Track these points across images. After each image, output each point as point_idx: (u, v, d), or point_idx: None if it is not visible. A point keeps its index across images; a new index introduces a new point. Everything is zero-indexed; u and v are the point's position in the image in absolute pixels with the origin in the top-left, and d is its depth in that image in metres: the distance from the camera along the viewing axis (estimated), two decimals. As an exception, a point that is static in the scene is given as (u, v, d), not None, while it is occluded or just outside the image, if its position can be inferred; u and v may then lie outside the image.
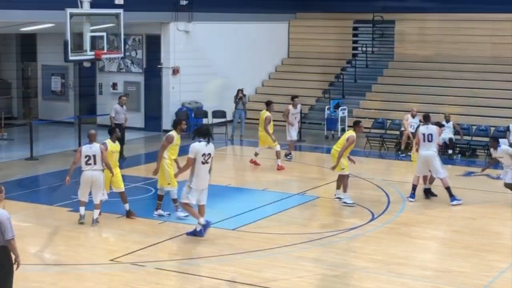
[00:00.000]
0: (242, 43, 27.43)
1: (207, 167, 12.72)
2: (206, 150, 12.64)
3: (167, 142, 13.91)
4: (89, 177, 13.65)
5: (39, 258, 12.35)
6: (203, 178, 12.73)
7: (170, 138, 13.90)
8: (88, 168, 13.65)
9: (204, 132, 12.87)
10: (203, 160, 12.60)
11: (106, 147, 13.92)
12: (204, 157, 12.61)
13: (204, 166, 12.64)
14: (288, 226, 14.01)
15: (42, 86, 27.03)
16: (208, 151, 12.67)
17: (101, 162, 13.68)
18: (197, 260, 11.87)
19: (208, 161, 12.68)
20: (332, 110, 24.54)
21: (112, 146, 14.11)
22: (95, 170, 13.63)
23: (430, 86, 26.16)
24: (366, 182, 17.55)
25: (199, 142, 12.66)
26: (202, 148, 12.62)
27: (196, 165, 12.60)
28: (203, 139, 12.70)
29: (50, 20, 20.63)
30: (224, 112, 24.81)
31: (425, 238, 13.29)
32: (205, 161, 12.63)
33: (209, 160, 12.71)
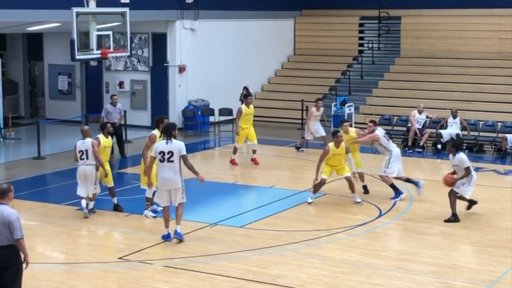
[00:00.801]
0: (248, 41, 27.44)
1: (170, 166, 12.04)
2: (165, 148, 12.08)
3: (150, 142, 13.61)
4: (82, 171, 14.04)
5: (47, 256, 12.39)
6: (164, 177, 12.15)
7: (153, 137, 13.58)
8: (82, 162, 14.07)
9: (164, 129, 12.42)
10: (160, 158, 12.06)
11: (98, 141, 14.17)
12: (163, 155, 12.05)
13: (163, 164, 12.06)
14: (296, 223, 14.02)
15: (49, 85, 27.09)
16: (168, 149, 12.06)
17: (93, 157, 13.99)
18: (205, 257, 11.89)
19: (170, 160, 12.01)
20: (339, 107, 24.52)
21: (105, 141, 14.37)
22: (87, 165, 14.00)
23: (437, 82, 26.11)
24: (373, 179, 17.52)
25: (162, 140, 12.31)
26: (160, 146, 12.18)
27: (157, 164, 12.28)
28: (165, 136, 12.24)
29: (56, 20, 20.67)
30: (230, 109, 24.82)
31: (433, 234, 13.27)
32: (163, 159, 12.03)
33: (173, 159, 12.02)
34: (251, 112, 19.27)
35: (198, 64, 25.33)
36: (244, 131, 19.11)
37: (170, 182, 12.15)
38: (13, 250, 8.76)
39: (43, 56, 27.23)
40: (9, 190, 8.81)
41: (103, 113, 20.42)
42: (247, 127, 19.17)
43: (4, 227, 8.64)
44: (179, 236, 12.45)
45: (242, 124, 19.05)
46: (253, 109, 19.56)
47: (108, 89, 25.68)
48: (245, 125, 19.14)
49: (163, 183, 12.24)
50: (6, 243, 8.70)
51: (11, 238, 8.69)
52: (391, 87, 26.71)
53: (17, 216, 8.72)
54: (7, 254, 8.72)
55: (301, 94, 26.49)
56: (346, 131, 15.93)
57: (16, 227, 8.66)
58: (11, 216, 8.67)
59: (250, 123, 19.29)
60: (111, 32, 18.77)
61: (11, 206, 8.86)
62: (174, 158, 12.05)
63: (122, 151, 20.46)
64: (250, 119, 19.25)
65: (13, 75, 27.79)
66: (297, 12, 30.30)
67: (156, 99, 25.16)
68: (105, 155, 14.36)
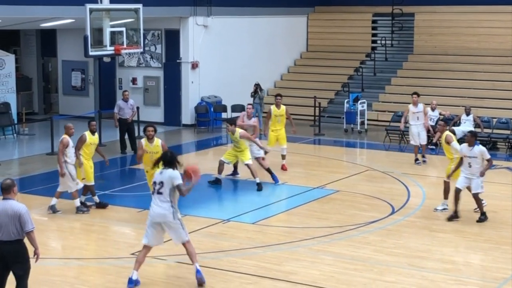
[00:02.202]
0: (260, 37, 27.44)
1: (160, 198, 10.29)
2: (157, 179, 10.40)
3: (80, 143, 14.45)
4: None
5: (61, 252, 12.46)
6: (153, 208, 10.42)
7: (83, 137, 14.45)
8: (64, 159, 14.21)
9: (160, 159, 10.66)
10: (152, 190, 10.51)
11: (84, 138, 14.44)
12: (154, 185, 10.38)
13: (154, 196, 10.38)
14: (308, 219, 14.02)
15: (63, 81, 27.20)
16: (160, 179, 10.34)
17: (72, 153, 14.19)
18: (217, 253, 11.92)
19: (160, 191, 10.28)
20: (351, 103, 24.49)
21: (91, 138, 14.56)
22: (65, 162, 14.13)
23: (450, 79, 26.04)
24: (385, 176, 17.50)
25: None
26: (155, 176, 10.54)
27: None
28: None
29: (70, 16, 20.74)
30: (243, 106, 24.82)
31: (445, 232, 13.24)
32: (155, 190, 10.35)
33: (162, 190, 10.27)
34: (281, 114, 18.01)
35: (210, 61, 25.36)
36: (273, 133, 18.01)
37: (160, 216, 10.40)
38: (22, 244, 8.87)
39: (57, 52, 27.34)
40: (13, 185, 8.94)
41: (116, 109, 20.49)
42: (277, 129, 18.02)
43: (15, 221, 8.74)
44: (199, 274, 10.49)
45: (272, 126, 17.98)
46: (284, 109, 18.11)
47: (121, 85, 25.75)
48: (275, 127, 17.99)
49: (152, 216, 10.48)
50: (15, 237, 8.79)
51: (21, 232, 8.78)
52: (404, 84, 26.64)
53: (26, 209, 8.85)
54: (18, 248, 8.83)
55: (314, 91, 26.46)
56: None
57: (27, 220, 8.76)
58: (22, 209, 8.77)
59: (281, 125, 18.07)
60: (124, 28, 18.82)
61: (16, 200, 8.99)
62: (162, 189, 10.31)
63: (134, 147, 20.50)
64: (281, 121, 18.04)
65: (27, 71, 27.92)
66: (310, 8, 30.27)
67: (169, 95, 25.21)
68: (89, 151, 14.53)
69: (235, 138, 16.07)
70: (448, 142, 14.35)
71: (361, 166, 19.16)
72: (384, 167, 18.42)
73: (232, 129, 16.00)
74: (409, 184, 16.65)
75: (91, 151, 14.59)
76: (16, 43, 27.92)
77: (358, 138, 23.51)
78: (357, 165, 19.53)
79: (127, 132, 20.52)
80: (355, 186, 16.51)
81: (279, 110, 18.01)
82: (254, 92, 23.90)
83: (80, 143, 14.43)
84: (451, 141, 14.37)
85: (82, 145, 14.40)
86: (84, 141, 14.41)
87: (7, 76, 22.63)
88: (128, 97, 20.62)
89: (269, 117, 18.06)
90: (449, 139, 14.37)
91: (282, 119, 18.03)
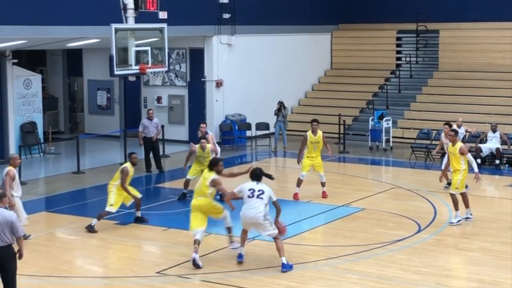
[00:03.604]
0: (284, 55, 27.48)
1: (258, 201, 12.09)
2: (255, 187, 12.20)
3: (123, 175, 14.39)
4: None
5: (87, 270, 12.50)
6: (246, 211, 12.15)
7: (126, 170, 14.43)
8: None
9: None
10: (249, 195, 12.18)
11: (127, 171, 14.33)
12: (253, 191, 12.16)
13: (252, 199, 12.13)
14: (334, 238, 13.95)
15: (88, 100, 27.40)
16: (258, 188, 12.22)
17: (19, 187, 13.53)
18: (242, 272, 11.88)
19: (260, 196, 12.11)
20: (376, 121, 24.40)
21: (132, 171, 14.57)
22: (12, 196, 13.27)
23: (476, 95, 25.87)
24: (411, 193, 17.39)
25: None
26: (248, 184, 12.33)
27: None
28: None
29: (95, 36, 20.92)
30: (267, 124, 24.85)
31: (472, 250, 13.11)
32: (254, 195, 12.10)
33: (262, 196, 12.13)
34: (318, 140, 16.86)
35: (235, 79, 25.43)
36: (309, 160, 16.95)
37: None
38: (11, 249, 9.57)
39: (83, 72, 27.57)
40: (3, 195, 9.67)
41: (141, 127, 20.58)
42: (313, 156, 16.97)
43: (5, 228, 9.43)
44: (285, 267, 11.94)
45: (307, 153, 16.98)
46: (321, 136, 16.94)
47: (146, 104, 25.89)
48: (310, 154, 16.94)
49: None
50: (5, 243, 9.44)
51: (11, 238, 9.50)
52: (429, 101, 26.52)
53: (16, 217, 9.68)
54: (9, 252, 9.52)
55: (338, 109, 26.43)
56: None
57: (18, 227, 9.57)
58: (12, 217, 9.55)
59: (317, 152, 16.97)
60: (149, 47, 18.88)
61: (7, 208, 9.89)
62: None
63: (159, 166, 20.58)
64: (317, 148, 16.92)
65: (53, 90, 28.18)
66: (334, 26, 30.29)
67: (194, 113, 25.29)
68: (129, 183, 14.55)
69: (206, 153, 16.48)
70: (464, 153, 14.32)
71: (387, 184, 19.05)
72: (410, 185, 18.29)
73: (204, 146, 16.57)
74: (435, 202, 16.52)
75: (128, 183, 14.59)
76: (42, 63, 28.22)
77: (383, 156, 23.40)
78: (383, 183, 19.43)
79: (152, 150, 20.60)
80: (381, 204, 16.41)
81: (316, 137, 16.89)
82: (278, 110, 23.92)
83: (124, 176, 14.33)
84: (466, 152, 14.34)
85: (126, 177, 14.36)
86: (127, 174, 14.39)
87: (33, 96, 22.85)
88: (152, 116, 20.71)
89: (304, 143, 17.01)
90: (465, 150, 14.35)
91: (318, 146, 16.97)
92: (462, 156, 14.38)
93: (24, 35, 19.34)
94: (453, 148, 14.56)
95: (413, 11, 28.02)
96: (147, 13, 18.75)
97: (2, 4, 18.40)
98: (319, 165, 17.04)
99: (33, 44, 21.91)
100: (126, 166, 14.54)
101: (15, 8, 18.64)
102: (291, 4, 27.88)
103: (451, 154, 14.68)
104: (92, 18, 20.11)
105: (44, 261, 12.52)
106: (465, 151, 14.40)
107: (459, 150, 14.40)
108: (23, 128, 22.40)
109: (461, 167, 14.42)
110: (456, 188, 14.55)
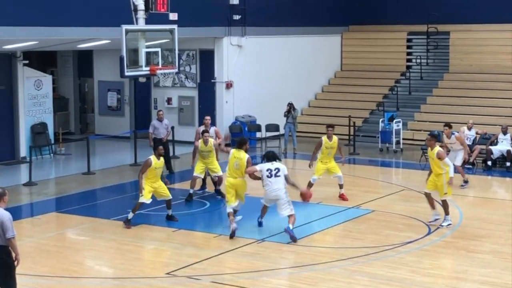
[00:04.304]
0: (294, 57, 27.48)
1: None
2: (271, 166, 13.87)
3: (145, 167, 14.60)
4: None
5: (97, 271, 12.52)
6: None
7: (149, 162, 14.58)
8: None
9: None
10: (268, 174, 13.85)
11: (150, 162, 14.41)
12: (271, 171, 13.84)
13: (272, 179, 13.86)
14: (343, 239, 13.93)
15: (99, 101, 27.46)
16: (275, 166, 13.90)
17: None
18: (252, 273, 11.87)
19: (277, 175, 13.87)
20: (387, 122, 24.36)
21: (156, 163, 14.58)
22: None
23: (487, 97, 25.80)
24: (421, 195, 17.32)
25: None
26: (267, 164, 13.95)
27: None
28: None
29: (106, 37, 20.97)
30: (277, 125, 24.84)
31: (483, 252, 13.06)
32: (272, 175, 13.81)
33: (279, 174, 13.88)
34: (333, 146, 16.73)
35: (245, 80, 25.44)
36: (322, 164, 16.82)
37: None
38: (5, 250, 9.30)
39: (93, 73, 27.63)
40: (4, 194, 9.40)
41: (151, 129, 20.60)
42: (326, 162, 16.84)
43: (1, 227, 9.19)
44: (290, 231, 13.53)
45: (321, 158, 16.81)
46: (336, 141, 16.81)
47: (156, 105, 25.93)
48: (324, 159, 16.81)
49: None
50: (4, 243, 9.22)
51: (4, 239, 9.23)
52: (440, 103, 26.45)
53: (9, 217, 9.31)
54: (0, 254, 9.23)
55: (348, 110, 26.39)
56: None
57: (8, 227, 9.22)
58: (4, 217, 9.25)
59: (331, 157, 16.88)
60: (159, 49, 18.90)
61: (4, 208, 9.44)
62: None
63: (170, 167, 20.60)
64: (331, 154, 16.81)
65: (63, 91, 28.27)
66: (344, 27, 30.27)
67: (204, 115, 25.05)
68: (155, 176, 14.61)
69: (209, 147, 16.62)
70: (441, 158, 14.30)
71: (397, 185, 19.01)
72: (420, 187, 18.22)
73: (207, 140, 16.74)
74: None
75: (155, 175, 14.63)
76: (53, 64, 28.30)
77: (394, 158, 23.35)
78: (393, 184, 19.39)
79: (162, 151, 20.60)
80: (391, 206, 16.38)
81: (331, 142, 16.75)
82: (288, 112, 23.90)
83: (145, 167, 14.45)
84: (444, 157, 14.30)
85: (146, 169, 14.44)
86: (149, 165, 14.45)
87: (44, 97, 22.93)
88: (162, 117, 20.74)
89: (318, 148, 16.82)
90: (442, 155, 14.32)
91: (333, 152, 16.84)
92: (440, 160, 14.37)
93: (35, 36, 19.41)
94: (431, 152, 14.58)
95: (423, 13, 27.98)
96: (157, 14, 18.78)
97: (13, 5, 18.47)
98: (334, 167, 16.93)
99: (44, 45, 21.99)
100: (150, 157, 14.63)
101: (26, 9, 18.71)
102: (301, 6, 27.88)
103: (430, 158, 14.72)
104: (102, 19, 20.16)
105: (54, 262, 12.55)
106: (442, 156, 14.41)
107: (436, 154, 14.42)
108: (33, 129, 22.48)
109: (442, 171, 14.43)
110: (445, 194, 14.51)
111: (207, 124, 18.03)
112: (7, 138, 21.94)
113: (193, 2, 23.19)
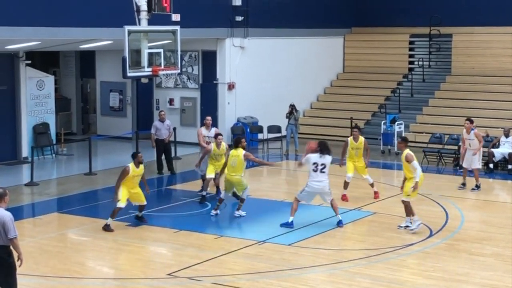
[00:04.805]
0: (297, 58, 27.48)
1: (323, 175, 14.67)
2: (319, 161, 14.57)
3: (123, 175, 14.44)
4: None
5: (98, 272, 12.52)
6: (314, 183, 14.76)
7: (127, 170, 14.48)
8: None
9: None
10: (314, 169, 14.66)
11: (128, 170, 14.29)
12: (317, 166, 14.59)
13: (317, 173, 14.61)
14: (345, 241, 13.93)
15: (101, 102, 27.48)
16: (322, 161, 14.59)
17: None
18: (253, 275, 11.87)
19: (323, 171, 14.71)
20: (389, 125, 24.35)
21: (135, 171, 14.44)
22: None
23: (489, 100, 25.78)
24: (423, 198, 17.31)
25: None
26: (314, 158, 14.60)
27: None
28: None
29: (108, 38, 20.98)
30: (279, 127, 24.84)
31: (485, 255, 13.05)
32: (318, 169, 14.60)
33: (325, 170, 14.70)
34: (358, 147, 17.16)
35: (247, 82, 25.44)
36: (352, 162, 17.27)
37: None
38: (6, 250, 9.31)
39: (95, 73, 27.65)
40: (4, 194, 9.39)
41: (153, 129, 20.60)
42: (354, 161, 17.26)
43: (1, 227, 9.20)
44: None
45: (349, 158, 17.25)
46: (362, 142, 17.22)
47: (158, 106, 25.94)
48: (353, 158, 17.24)
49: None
50: (1, 243, 9.22)
51: (5, 239, 9.22)
52: (442, 105, 26.44)
53: (11, 217, 9.30)
54: (1, 253, 9.25)
55: (350, 112, 26.39)
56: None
57: (10, 228, 9.21)
58: (6, 217, 9.24)
59: (359, 157, 17.25)
60: (162, 49, 18.94)
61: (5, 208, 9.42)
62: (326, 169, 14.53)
63: (171, 168, 20.60)
64: (358, 154, 17.21)
65: (66, 92, 28.28)
66: (347, 29, 30.26)
67: (206, 116, 25.23)
68: (133, 183, 14.48)
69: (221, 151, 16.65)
70: (409, 161, 14.28)
71: (398, 188, 18.92)
72: (422, 189, 18.18)
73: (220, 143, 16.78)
74: (448, 207, 16.46)
75: (134, 183, 14.54)
76: (55, 65, 28.32)
77: (395, 160, 23.32)
78: (394, 187, 19.35)
79: (164, 152, 20.63)
80: (392, 208, 16.36)
81: (357, 143, 17.17)
82: (289, 113, 23.89)
83: (122, 176, 14.36)
84: (411, 160, 14.28)
85: (124, 177, 14.35)
86: (126, 174, 14.36)
87: (46, 97, 22.94)
88: (164, 118, 20.74)
89: (345, 148, 17.28)
90: (410, 158, 14.29)
91: (359, 152, 17.22)
92: (409, 163, 14.35)
93: (38, 37, 19.43)
94: (402, 155, 14.60)
95: (426, 15, 27.99)
96: (160, 15, 18.81)
97: (16, 6, 18.49)
98: (361, 168, 17.33)
99: (46, 46, 22.01)
100: (128, 165, 14.50)
101: (29, 9, 18.73)
102: (304, 7, 27.89)
103: (402, 162, 14.66)
104: (105, 20, 20.18)
105: (56, 262, 12.56)
106: (410, 159, 14.37)
107: (405, 158, 14.41)
108: (35, 129, 22.49)
109: (412, 174, 14.40)
110: (408, 196, 14.49)
111: (208, 125, 18.03)
112: (9, 138, 21.96)
113: (195, 3, 23.20)
